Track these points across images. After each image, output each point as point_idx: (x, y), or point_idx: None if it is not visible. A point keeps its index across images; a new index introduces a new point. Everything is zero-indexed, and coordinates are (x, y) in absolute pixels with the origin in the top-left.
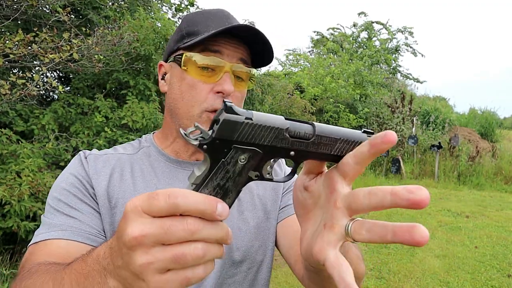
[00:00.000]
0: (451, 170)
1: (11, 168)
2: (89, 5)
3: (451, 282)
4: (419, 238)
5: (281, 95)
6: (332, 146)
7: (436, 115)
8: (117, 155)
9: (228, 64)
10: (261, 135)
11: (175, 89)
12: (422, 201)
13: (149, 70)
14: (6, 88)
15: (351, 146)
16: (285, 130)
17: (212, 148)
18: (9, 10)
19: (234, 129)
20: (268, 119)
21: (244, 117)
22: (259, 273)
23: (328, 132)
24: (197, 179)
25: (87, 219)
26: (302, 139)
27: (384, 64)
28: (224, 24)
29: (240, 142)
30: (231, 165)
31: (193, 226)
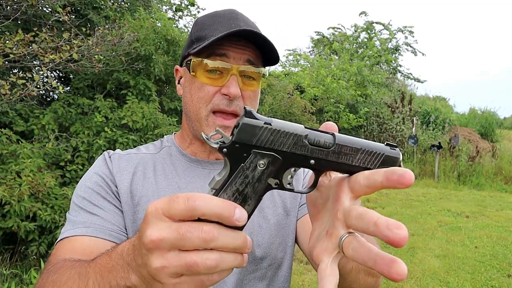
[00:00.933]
0: (451, 170)
1: (11, 168)
2: (89, 5)
3: (451, 282)
4: (395, 275)
5: (281, 95)
6: (353, 156)
7: (436, 115)
8: (140, 155)
9: (235, 67)
10: (280, 141)
11: (187, 93)
12: (399, 241)
13: (149, 70)
14: (6, 88)
15: (373, 158)
16: (304, 136)
17: (232, 152)
18: (9, 10)
19: (253, 133)
20: (288, 125)
21: (263, 122)
22: (280, 270)
23: (349, 142)
24: (216, 184)
25: (109, 217)
26: (322, 147)
27: (385, 64)
28: (231, 26)
29: (259, 147)
30: (250, 170)
31: (208, 234)
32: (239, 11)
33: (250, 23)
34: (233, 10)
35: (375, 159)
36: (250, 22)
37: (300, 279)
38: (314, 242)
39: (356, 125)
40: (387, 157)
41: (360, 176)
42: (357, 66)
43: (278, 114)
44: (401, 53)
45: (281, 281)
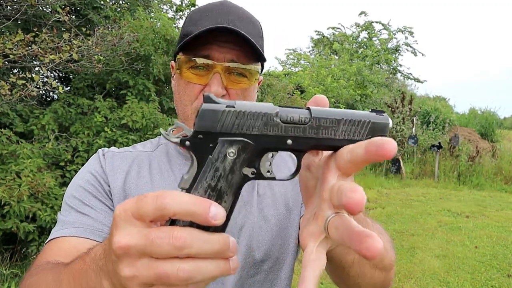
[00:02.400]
0: (451, 170)
1: (10, 168)
2: (89, 5)
3: (451, 282)
4: (365, 251)
5: (281, 95)
6: (335, 129)
7: (436, 115)
8: (136, 153)
9: (218, 64)
10: (248, 124)
11: (175, 90)
12: (352, 206)
13: (148, 70)
14: (6, 88)
15: (359, 128)
16: (274, 115)
17: (196, 144)
18: (9, 10)
19: (215, 119)
20: (255, 105)
21: (225, 105)
22: (281, 271)
23: (328, 113)
24: (185, 182)
25: (100, 217)
26: (297, 123)
27: (384, 64)
28: (217, 21)
29: (225, 133)
30: (220, 161)
31: (179, 240)
32: (231, 3)
33: (243, 15)
34: (223, 2)
35: (361, 129)
36: (244, 14)
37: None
38: (302, 227)
39: None
40: (374, 124)
41: (344, 150)
42: (356, 66)
43: None
44: (401, 53)
45: (284, 283)
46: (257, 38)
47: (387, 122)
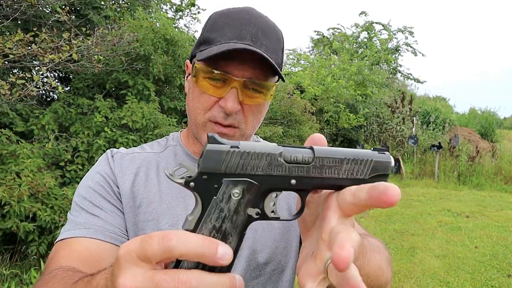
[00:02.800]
0: (451, 170)
1: (10, 168)
2: (89, 5)
3: (451, 282)
4: None
5: (281, 95)
6: (339, 168)
7: (436, 115)
8: (144, 154)
9: (236, 80)
10: (252, 164)
11: (189, 95)
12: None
13: (148, 70)
14: (5, 88)
15: (362, 167)
16: (278, 155)
17: (201, 185)
18: (9, 10)
19: (220, 160)
20: (258, 146)
21: (230, 145)
22: (284, 274)
23: (330, 153)
24: (190, 224)
25: (110, 218)
26: (301, 163)
27: (384, 64)
28: (241, 34)
29: (230, 174)
30: (224, 201)
31: (185, 284)
32: (256, 11)
33: (265, 27)
34: (247, 10)
35: (364, 167)
36: (266, 25)
37: None
38: (300, 262)
39: (356, 125)
40: (376, 163)
41: (347, 192)
42: (357, 65)
43: (278, 114)
44: (401, 53)
45: (286, 285)
46: (278, 51)
47: (389, 161)
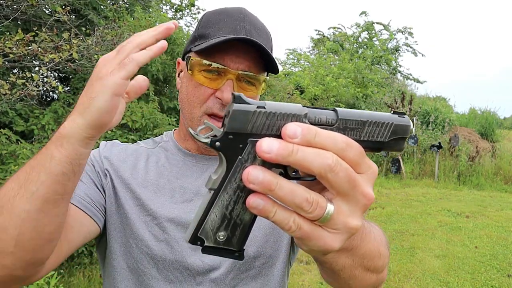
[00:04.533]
0: (451, 170)
1: (10, 168)
2: (89, 5)
3: (451, 282)
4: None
5: (281, 95)
6: (361, 130)
7: (436, 115)
8: (136, 147)
9: (232, 71)
10: (278, 124)
11: (183, 89)
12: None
13: (146, 69)
14: (6, 88)
15: (382, 129)
16: (303, 116)
17: (226, 145)
18: (9, 10)
19: (246, 120)
20: (284, 106)
21: (256, 105)
22: (274, 268)
23: (353, 115)
24: (214, 183)
25: (85, 188)
26: (325, 125)
27: (384, 64)
28: (236, 29)
29: (256, 134)
30: (250, 161)
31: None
32: (248, 11)
33: (258, 25)
34: (241, 9)
35: (385, 130)
36: (258, 24)
37: (300, 279)
38: None
39: None
40: (396, 126)
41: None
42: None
43: None
44: (401, 53)
45: (277, 280)
46: (269, 48)
47: (408, 124)
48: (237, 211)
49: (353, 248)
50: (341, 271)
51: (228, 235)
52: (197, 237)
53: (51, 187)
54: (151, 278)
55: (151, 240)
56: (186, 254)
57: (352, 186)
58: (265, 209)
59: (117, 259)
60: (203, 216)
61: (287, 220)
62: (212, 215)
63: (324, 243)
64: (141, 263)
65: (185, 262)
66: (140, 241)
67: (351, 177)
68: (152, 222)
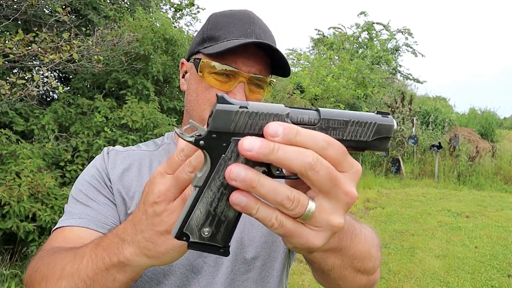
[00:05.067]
0: (451, 170)
1: (10, 168)
2: (89, 5)
3: (451, 282)
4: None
5: (281, 95)
6: (343, 130)
7: (436, 115)
8: (138, 152)
9: (244, 74)
10: (260, 124)
11: (192, 91)
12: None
13: (147, 70)
14: (6, 88)
15: (365, 129)
16: (285, 115)
17: (210, 144)
18: (9, 10)
19: (229, 119)
20: (266, 106)
21: (239, 106)
22: (273, 269)
23: (336, 114)
24: (199, 180)
25: (103, 210)
26: (307, 124)
27: (384, 64)
28: (246, 32)
29: (239, 133)
30: (233, 159)
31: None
32: (255, 14)
33: (265, 28)
34: (248, 12)
35: (368, 130)
36: (266, 27)
37: (300, 279)
38: None
39: None
40: (380, 125)
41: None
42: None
43: None
44: (400, 53)
45: (276, 280)
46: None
47: (391, 124)
48: (221, 207)
49: (342, 248)
50: (330, 271)
51: (213, 231)
52: (183, 233)
53: None
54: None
55: None
56: (191, 257)
57: (333, 184)
58: (247, 205)
59: None
60: (189, 212)
61: (270, 217)
62: (197, 212)
63: (306, 241)
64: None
65: (190, 265)
66: None
67: (332, 175)
68: None
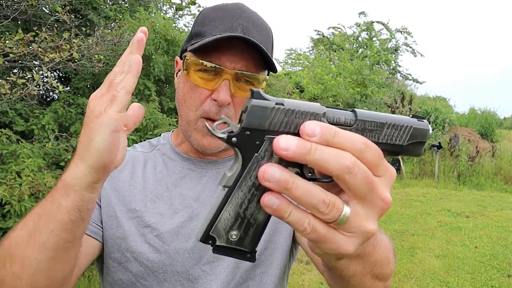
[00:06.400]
0: (451, 170)
1: (11, 168)
2: (89, 5)
3: (451, 282)
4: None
5: (281, 95)
6: (379, 132)
7: (436, 115)
8: (133, 153)
9: (228, 71)
10: (296, 122)
11: (180, 90)
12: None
13: (148, 70)
14: (6, 88)
15: (401, 133)
16: (322, 115)
17: (243, 141)
18: (9, 10)
19: (264, 116)
20: (303, 104)
21: (275, 102)
22: (273, 276)
23: (372, 116)
24: (228, 180)
25: None
26: (343, 125)
27: (384, 64)
28: (232, 26)
29: (273, 131)
30: (266, 159)
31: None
32: (247, 7)
33: (257, 21)
34: (240, 5)
35: (403, 133)
36: (257, 20)
37: (300, 279)
38: None
39: None
40: (416, 130)
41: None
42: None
43: None
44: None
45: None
46: (268, 46)
47: (427, 128)
48: (251, 210)
49: (365, 255)
50: (351, 278)
51: (241, 235)
52: (209, 236)
53: (61, 236)
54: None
55: (151, 253)
56: (188, 264)
57: (369, 189)
58: (280, 208)
59: (113, 274)
60: (216, 214)
61: (302, 221)
62: (225, 214)
63: (338, 247)
64: (140, 277)
65: (187, 273)
66: (139, 254)
67: (369, 179)
68: (151, 233)
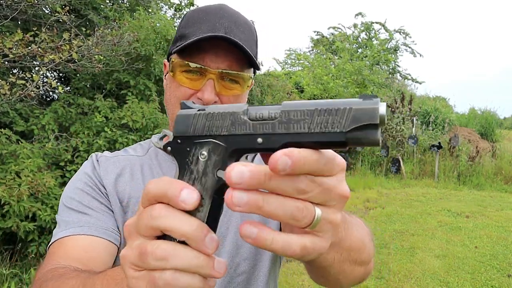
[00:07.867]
0: (451, 170)
1: (10, 168)
2: (89, 5)
3: (451, 282)
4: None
5: (281, 95)
6: (309, 121)
7: (436, 115)
8: (127, 157)
9: (212, 71)
10: (216, 125)
11: (167, 90)
12: None
13: (149, 70)
14: (6, 88)
15: (338, 118)
16: (242, 113)
17: (175, 149)
18: (9, 10)
19: (188, 124)
20: (224, 107)
21: (197, 109)
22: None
23: (299, 105)
24: None
25: (101, 216)
26: (266, 120)
27: (384, 64)
28: (215, 26)
29: (197, 136)
30: (194, 163)
31: (161, 252)
32: (229, 7)
33: (239, 21)
34: (222, 6)
35: (341, 118)
36: (239, 19)
37: (300, 279)
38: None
39: None
40: (357, 111)
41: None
42: (357, 65)
43: None
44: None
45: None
46: (252, 44)
47: (374, 107)
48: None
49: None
50: (330, 268)
51: None
52: None
53: None
54: None
55: None
56: None
57: (327, 195)
58: (259, 237)
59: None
60: None
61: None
62: None
63: (319, 249)
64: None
65: None
66: None
67: (323, 189)
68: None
